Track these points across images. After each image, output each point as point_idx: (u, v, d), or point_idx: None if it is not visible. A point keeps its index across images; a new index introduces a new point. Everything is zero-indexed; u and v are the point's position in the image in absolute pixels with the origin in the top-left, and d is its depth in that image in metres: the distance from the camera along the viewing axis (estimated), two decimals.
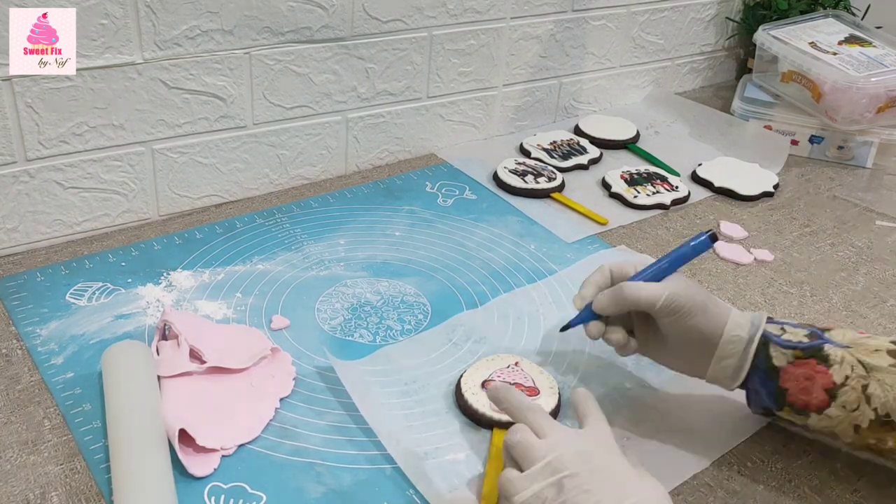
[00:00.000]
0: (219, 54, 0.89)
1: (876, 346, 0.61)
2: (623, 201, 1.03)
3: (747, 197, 1.06)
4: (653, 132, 1.23)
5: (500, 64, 1.13)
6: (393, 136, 1.07)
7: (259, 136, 0.96)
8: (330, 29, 0.95)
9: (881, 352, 0.60)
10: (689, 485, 0.63)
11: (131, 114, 0.86)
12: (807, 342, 0.62)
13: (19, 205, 0.83)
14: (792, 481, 0.64)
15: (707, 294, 0.65)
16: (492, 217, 0.97)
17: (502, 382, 0.65)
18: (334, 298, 0.81)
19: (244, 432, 0.64)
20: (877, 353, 0.60)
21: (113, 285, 0.80)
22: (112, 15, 0.80)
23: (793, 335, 0.63)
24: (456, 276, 0.86)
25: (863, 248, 0.97)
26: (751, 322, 0.64)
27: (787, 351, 0.62)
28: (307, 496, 0.60)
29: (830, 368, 0.60)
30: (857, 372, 0.60)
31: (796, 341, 0.62)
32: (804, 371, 0.61)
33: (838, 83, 1.13)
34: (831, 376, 0.60)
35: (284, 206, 0.96)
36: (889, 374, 0.59)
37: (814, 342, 0.62)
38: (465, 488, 0.61)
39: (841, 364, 0.60)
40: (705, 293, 0.65)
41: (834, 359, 0.61)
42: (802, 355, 0.62)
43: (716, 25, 1.37)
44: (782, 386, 0.62)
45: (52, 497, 0.58)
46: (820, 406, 0.61)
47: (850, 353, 0.61)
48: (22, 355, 0.71)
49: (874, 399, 0.59)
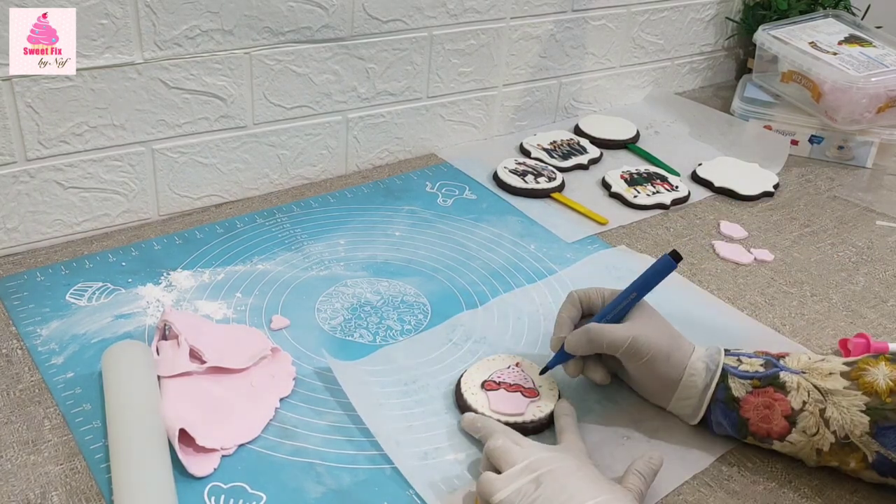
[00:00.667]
0: (219, 54, 0.89)
1: (829, 369, 0.63)
2: (623, 201, 1.03)
3: (747, 197, 1.06)
4: (653, 132, 1.23)
5: (500, 64, 1.13)
6: (393, 136, 1.07)
7: (259, 136, 0.96)
8: (330, 29, 0.95)
9: (835, 374, 0.62)
10: (689, 485, 0.63)
11: (131, 114, 0.86)
12: (763, 371, 0.64)
13: (19, 205, 0.83)
14: (792, 481, 0.64)
15: (671, 336, 0.67)
16: (492, 217, 0.97)
17: (471, 413, 0.66)
18: (334, 298, 0.81)
19: (244, 432, 0.64)
20: (830, 376, 0.62)
21: (113, 285, 0.80)
22: (112, 15, 0.80)
23: (749, 365, 0.65)
24: (456, 277, 0.86)
25: (863, 248, 0.97)
26: (707, 367, 0.65)
27: (745, 381, 0.64)
28: (307, 496, 0.60)
29: (788, 395, 0.62)
30: (814, 397, 0.61)
31: (753, 371, 0.64)
32: (763, 400, 0.63)
33: (838, 83, 1.13)
34: (789, 402, 0.62)
35: (284, 206, 0.96)
36: (844, 396, 0.60)
37: (769, 370, 0.64)
38: (464, 488, 0.61)
39: (797, 390, 0.62)
40: (669, 336, 0.67)
41: (790, 385, 0.62)
42: (760, 384, 0.63)
43: (715, 25, 1.37)
44: (743, 416, 0.64)
45: (52, 497, 0.58)
46: (781, 433, 0.63)
47: (805, 379, 0.62)
48: (22, 355, 0.71)
49: (832, 422, 0.61)
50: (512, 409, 0.66)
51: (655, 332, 0.66)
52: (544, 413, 0.67)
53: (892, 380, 0.60)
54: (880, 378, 0.60)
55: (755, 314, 0.83)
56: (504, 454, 0.58)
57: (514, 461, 0.57)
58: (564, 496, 0.54)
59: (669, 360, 0.65)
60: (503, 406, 0.66)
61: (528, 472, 0.56)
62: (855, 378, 0.61)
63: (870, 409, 0.59)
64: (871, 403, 0.59)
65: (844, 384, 0.61)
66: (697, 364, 0.65)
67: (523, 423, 0.66)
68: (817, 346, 0.79)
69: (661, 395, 0.67)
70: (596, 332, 0.65)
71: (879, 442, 0.59)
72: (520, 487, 0.55)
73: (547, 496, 0.54)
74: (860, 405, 0.60)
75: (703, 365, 0.65)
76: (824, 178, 1.14)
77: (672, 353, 0.65)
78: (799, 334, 0.81)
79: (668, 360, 0.65)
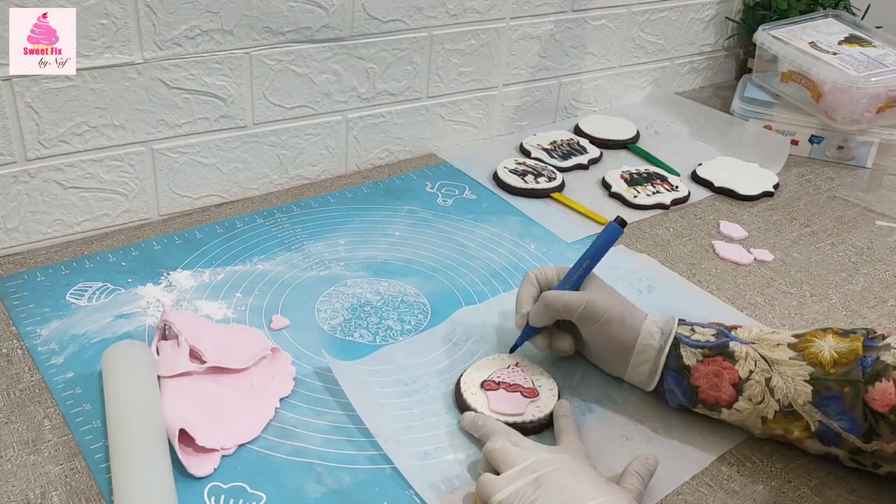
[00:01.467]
0: (219, 54, 0.89)
1: (778, 340, 0.64)
2: (623, 201, 1.03)
3: (747, 197, 1.06)
4: (653, 132, 1.23)
5: (500, 64, 1.13)
6: (393, 136, 1.07)
7: (259, 135, 0.96)
8: (330, 29, 0.95)
9: (782, 346, 0.64)
10: (689, 485, 0.63)
11: (131, 114, 0.86)
12: (714, 341, 0.66)
13: (19, 205, 0.83)
14: (792, 481, 0.64)
15: (625, 303, 0.69)
16: (492, 217, 0.97)
17: (472, 413, 0.66)
18: (334, 298, 0.81)
19: (244, 432, 0.64)
20: (778, 347, 0.64)
21: (113, 285, 0.80)
22: (112, 15, 0.80)
23: (701, 335, 0.67)
24: (456, 276, 0.86)
25: (863, 248, 0.97)
26: (661, 330, 0.67)
27: (696, 350, 0.66)
28: (307, 496, 0.60)
29: (735, 364, 0.64)
30: (760, 366, 0.63)
31: (704, 340, 0.66)
32: (712, 368, 0.64)
33: (838, 83, 1.13)
34: (736, 371, 0.64)
35: (284, 206, 0.96)
36: (790, 366, 0.62)
37: (720, 340, 0.66)
38: (464, 488, 0.61)
39: (745, 359, 0.64)
40: (623, 303, 0.69)
41: (738, 355, 0.64)
42: (710, 353, 0.65)
43: (715, 25, 1.37)
44: (694, 384, 0.65)
45: (52, 497, 0.58)
46: (729, 401, 0.64)
47: (753, 349, 0.64)
48: (22, 355, 0.71)
49: (777, 391, 0.62)
50: (511, 409, 0.66)
51: (609, 297, 0.69)
52: (544, 413, 0.67)
53: (837, 351, 0.61)
54: (825, 349, 0.62)
55: (755, 314, 0.84)
56: (503, 455, 0.58)
57: (513, 462, 0.57)
58: (564, 497, 0.54)
59: (624, 324, 0.67)
60: (503, 406, 0.66)
61: (527, 474, 0.56)
62: (801, 349, 0.63)
63: (813, 379, 0.61)
64: (815, 374, 0.61)
65: (791, 355, 0.63)
66: (652, 328, 0.67)
67: (523, 423, 0.66)
68: None
69: (618, 360, 0.69)
70: (551, 298, 0.68)
71: (822, 411, 0.61)
72: (519, 489, 0.55)
73: (546, 497, 0.54)
74: (804, 375, 0.61)
75: (658, 329, 0.67)
76: (824, 178, 1.14)
77: (626, 318, 0.68)
78: None
79: (622, 324, 0.67)
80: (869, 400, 0.59)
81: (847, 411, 0.60)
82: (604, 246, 0.71)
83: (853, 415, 0.60)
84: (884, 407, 0.58)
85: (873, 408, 0.59)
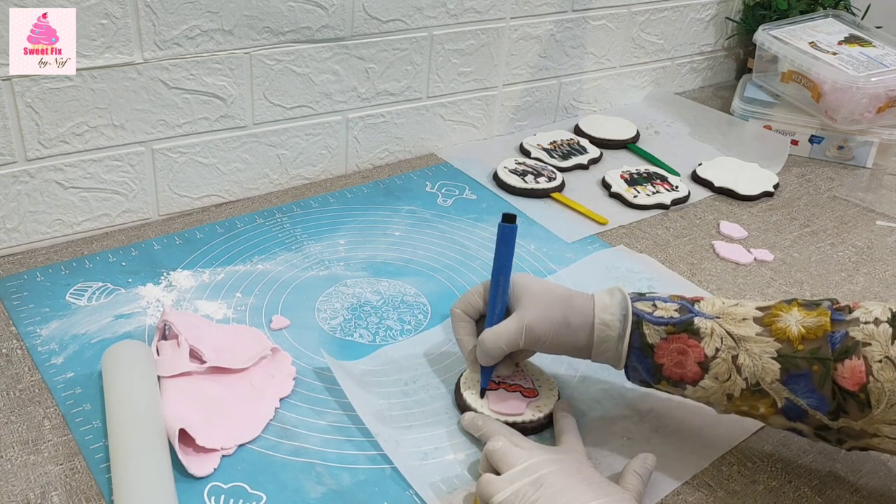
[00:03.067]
0: (219, 54, 0.89)
1: (743, 314, 0.62)
2: (623, 201, 1.03)
3: (747, 197, 1.06)
4: (653, 132, 1.23)
5: (500, 64, 1.13)
6: (393, 136, 1.07)
7: (259, 136, 0.96)
8: (330, 29, 0.95)
9: (748, 320, 0.61)
10: (689, 485, 0.63)
11: (131, 114, 0.86)
12: (677, 317, 0.63)
13: (19, 205, 0.83)
14: (792, 481, 0.64)
15: (563, 303, 0.65)
16: (492, 217, 0.97)
17: (472, 413, 0.66)
18: (334, 298, 0.81)
19: (244, 432, 0.64)
20: (744, 321, 0.61)
21: (113, 285, 0.80)
22: (112, 15, 0.80)
23: (664, 311, 0.63)
24: (456, 276, 0.86)
25: (863, 248, 0.97)
26: (619, 316, 0.64)
27: (659, 328, 0.63)
28: (307, 496, 0.60)
29: (701, 342, 0.61)
30: (727, 343, 0.61)
31: (668, 317, 0.63)
32: (677, 346, 0.62)
33: (838, 83, 1.13)
34: (702, 349, 0.61)
35: (284, 206, 0.96)
36: (756, 343, 0.60)
37: (684, 316, 0.63)
38: (464, 488, 0.61)
39: (711, 336, 0.61)
40: (561, 303, 0.65)
41: (704, 331, 0.61)
42: (674, 330, 0.62)
43: (715, 25, 1.37)
44: (657, 362, 0.63)
45: (52, 497, 0.58)
46: (694, 378, 0.62)
47: (718, 325, 0.62)
48: (22, 355, 0.71)
49: (744, 369, 0.60)
50: (511, 409, 0.66)
51: (543, 305, 0.65)
52: (543, 413, 0.67)
53: (804, 326, 0.59)
54: (792, 324, 0.60)
55: None
56: (504, 455, 0.58)
57: (513, 463, 0.57)
58: (564, 498, 0.54)
59: (571, 328, 0.64)
60: (502, 406, 0.66)
61: (527, 474, 0.56)
62: (768, 324, 0.60)
63: (781, 357, 0.59)
64: (783, 350, 0.59)
65: (757, 330, 0.60)
66: (606, 316, 0.64)
67: (522, 423, 0.66)
68: None
69: (580, 355, 0.66)
70: (489, 341, 0.64)
71: (789, 389, 0.59)
72: (519, 489, 0.55)
73: (547, 498, 0.54)
74: (772, 352, 0.59)
75: (613, 317, 0.64)
76: (824, 178, 1.14)
77: (570, 320, 0.64)
78: None
79: (569, 328, 0.64)
80: (838, 378, 0.57)
81: (815, 389, 0.58)
82: (505, 250, 0.66)
83: (821, 393, 0.58)
84: (854, 385, 0.57)
85: (842, 385, 0.57)
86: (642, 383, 0.66)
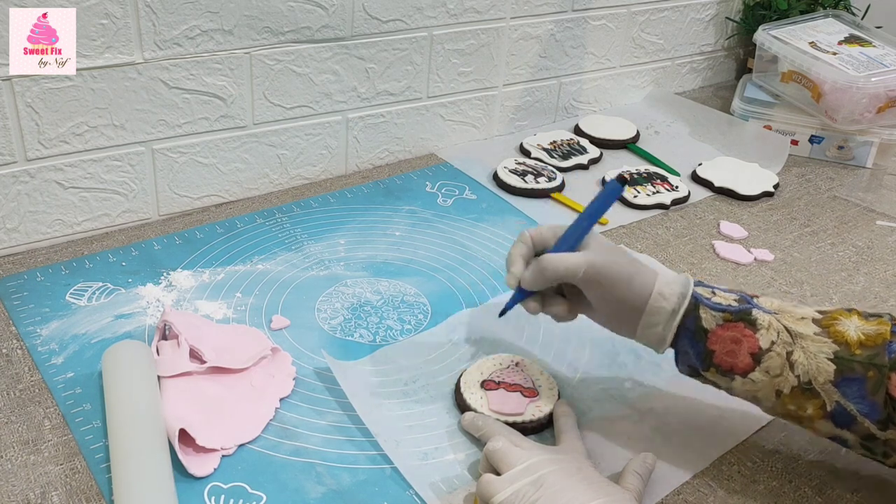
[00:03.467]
0: (219, 54, 0.89)
1: (802, 314, 0.62)
2: (623, 201, 1.03)
3: (747, 197, 1.06)
4: (653, 132, 1.23)
5: (500, 64, 1.13)
6: (393, 136, 1.07)
7: (259, 136, 0.96)
8: (330, 29, 0.95)
9: (807, 320, 0.61)
10: (689, 485, 0.63)
11: (131, 114, 0.86)
12: (736, 306, 0.62)
13: (19, 205, 0.83)
14: (792, 481, 0.64)
15: (632, 262, 0.64)
16: (492, 217, 0.97)
17: (472, 413, 0.66)
18: (334, 298, 0.81)
19: (244, 432, 0.64)
20: (802, 320, 0.61)
21: (113, 285, 0.80)
22: (112, 15, 0.80)
23: (722, 298, 0.63)
24: (456, 276, 0.86)
25: (863, 248, 0.97)
26: (678, 293, 0.63)
27: (716, 313, 0.62)
28: (307, 496, 0.60)
29: (757, 333, 0.61)
30: (783, 338, 0.60)
31: (726, 304, 0.62)
32: (732, 334, 0.61)
33: (838, 83, 1.13)
34: (758, 341, 0.61)
35: (284, 206, 0.96)
36: (814, 342, 0.60)
37: (742, 306, 0.62)
38: (464, 488, 0.61)
39: (768, 329, 0.61)
40: (629, 261, 0.64)
41: (761, 323, 0.61)
42: (731, 318, 0.62)
43: (715, 25, 1.37)
44: (710, 347, 0.62)
45: (52, 497, 0.58)
46: (745, 369, 0.61)
47: (777, 320, 0.61)
48: (22, 355, 0.71)
49: (797, 366, 0.59)
50: (511, 408, 0.66)
51: (613, 256, 0.64)
52: (544, 413, 0.67)
53: (863, 333, 0.59)
54: (851, 329, 0.59)
55: None
56: (504, 456, 0.58)
57: (514, 463, 0.57)
58: (564, 498, 0.54)
59: (632, 284, 0.63)
60: (502, 405, 0.66)
61: (528, 474, 0.56)
62: (826, 326, 0.60)
63: (837, 358, 0.59)
64: (840, 353, 0.59)
65: (815, 330, 0.60)
66: (665, 289, 0.63)
67: (523, 423, 0.66)
68: None
69: (628, 322, 0.65)
70: (550, 261, 0.63)
71: (841, 392, 0.58)
72: (520, 489, 0.55)
73: (547, 498, 0.54)
74: (828, 353, 0.59)
75: (672, 291, 0.63)
76: (824, 178, 1.14)
77: (634, 277, 0.63)
78: None
79: (630, 284, 0.63)
80: (892, 387, 0.57)
81: (867, 395, 0.57)
82: (603, 204, 0.66)
83: (873, 399, 0.57)
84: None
85: (894, 395, 0.57)
86: (691, 370, 0.64)
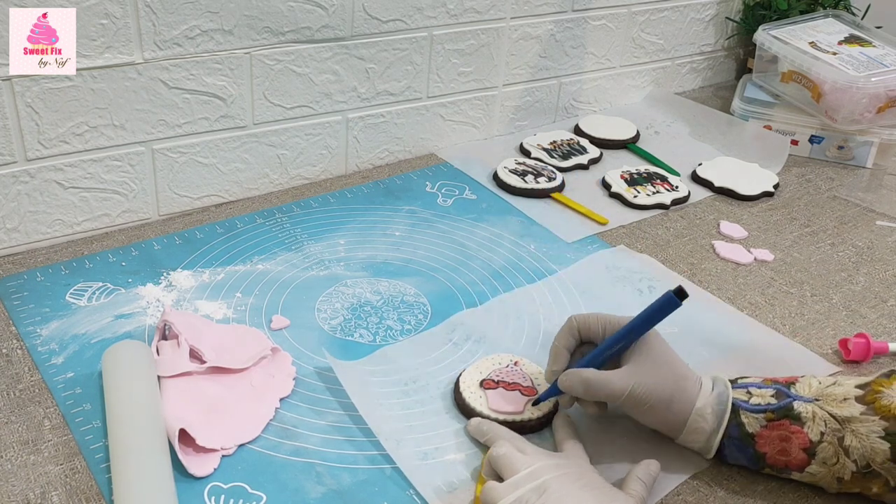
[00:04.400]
0: (219, 54, 0.89)
1: (843, 394, 0.61)
2: (623, 201, 1.03)
3: (747, 197, 1.06)
4: (653, 132, 1.23)
5: (500, 64, 1.13)
6: (393, 136, 1.07)
7: (259, 136, 0.96)
8: (330, 29, 0.95)
9: (850, 400, 0.60)
10: (689, 485, 0.63)
11: (131, 114, 0.86)
12: (776, 402, 0.62)
13: (19, 205, 0.83)
14: (792, 481, 0.64)
15: (674, 380, 0.63)
16: (492, 217, 0.97)
17: (478, 419, 0.65)
18: (334, 298, 0.81)
19: (244, 432, 0.64)
20: (846, 402, 0.60)
21: (113, 285, 0.80)
22: (112, 15, 0.80)
23: (760, 397, 0.62)
24: (456, 276, 0.86)
25: (863, 248, 0.97)
26: (714, 412, 0.62)
27: (758, 415, 0.61)
28: (307, 496, 0.60)
29: (804, 427, 0.60)
30: (831, 426, 0.59)
31: (765, 403, 0.62)
32: (779, 433, 0.61)
33: (838, 83, 1.13)
34: (807, 435, 0.60)
35: (284, 206, 0.96)
36: (862, 423, 0.59)
37: (782, 402, 0.61)
38: (464, 488, 0.61)
39: (813, 420, 0.60)
40: (672, 380, 0.63)
41: (805, 416, 0.60)
42: (774, 417, 0.61)
43: (715, 25, 1.37)
44: (759, 451, 0.62)
45: (52, 497, 0.58)
46: (800, 465, 0.61)
47: (819, 407, 0.60)
48: (22, 355, 0.71)
49: (852, 451, 0.59)
50: (510, 407, 0.66)
51: (656, 377, 0.62)
52: (542, 412, 0.67)
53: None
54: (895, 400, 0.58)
55: (755, 314, 0.83)
56: (508, 461, 0.58)
57: (517, 468, 0.57)
58: None
59: (671, 408, 0.62)
60: (501, 404, 0.66)
61: (530, 480, 0.56)
62: (871, 402, 0.59)
63: (889, 435, 0.58)
64: (890, 428, 0.58)
65: (861, 409, 0.59)
66: (704, 410, 0.62)
67: (521, 422, 0.66)
68: (817, 345, 0.79)
69: (668, 434, 0.65)
70: (592, 384, 0.62)
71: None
72: (522, 495, 0.55)
73: None
74: (879, 431, 0.58)
75: (711, 410, 0.62)
76: (824, 178, 1.14)
77: (674, 400, 0.62)
78: (799, 334, 0.81)
79: (669, 407, 0.62)
80: None
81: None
82: (658, 316, 0.62)
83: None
84: None
85: None
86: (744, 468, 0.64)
